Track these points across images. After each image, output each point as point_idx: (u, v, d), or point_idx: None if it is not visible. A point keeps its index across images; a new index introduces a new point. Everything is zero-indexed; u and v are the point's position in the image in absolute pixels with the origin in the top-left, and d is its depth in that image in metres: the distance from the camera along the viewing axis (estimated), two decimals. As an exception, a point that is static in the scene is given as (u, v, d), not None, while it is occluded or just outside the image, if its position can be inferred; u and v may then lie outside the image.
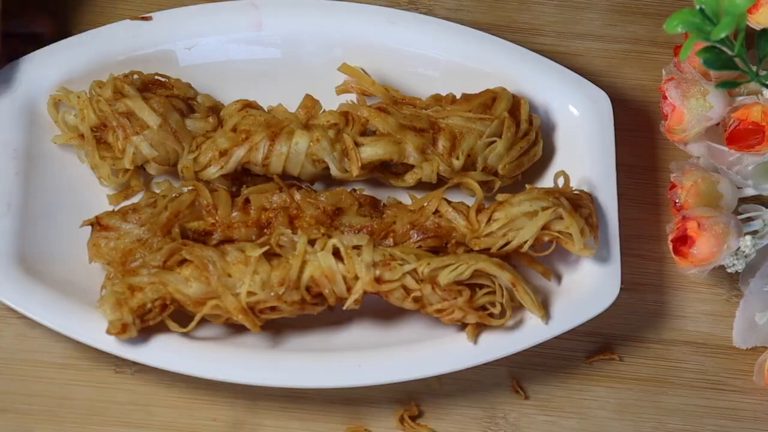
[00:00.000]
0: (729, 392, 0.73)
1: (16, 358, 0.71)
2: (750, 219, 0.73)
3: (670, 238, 0.71)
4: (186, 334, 0.67)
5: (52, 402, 0.70)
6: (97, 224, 0.68)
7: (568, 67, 0.75)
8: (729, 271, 0.73)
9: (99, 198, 0.73)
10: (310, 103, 0.72)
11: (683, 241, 0.70)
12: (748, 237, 0.71)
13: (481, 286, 0.67)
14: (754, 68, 0.62)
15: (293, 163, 0.70)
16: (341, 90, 0.73)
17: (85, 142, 0.70)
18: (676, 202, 0.74)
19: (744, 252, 0.71)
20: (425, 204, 0.70)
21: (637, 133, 0.79)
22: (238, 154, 0.69)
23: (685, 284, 0.76)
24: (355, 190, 0.72)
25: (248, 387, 0.68)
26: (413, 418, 0.71)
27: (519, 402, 0.72)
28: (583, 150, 0.73)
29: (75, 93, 0.71)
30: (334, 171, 0.70)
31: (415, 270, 0.66)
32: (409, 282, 0.66)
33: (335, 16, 0.76)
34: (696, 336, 0.75)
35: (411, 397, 0.71)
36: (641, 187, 0.78)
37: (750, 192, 0.74)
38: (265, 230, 0.69)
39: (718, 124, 0.73)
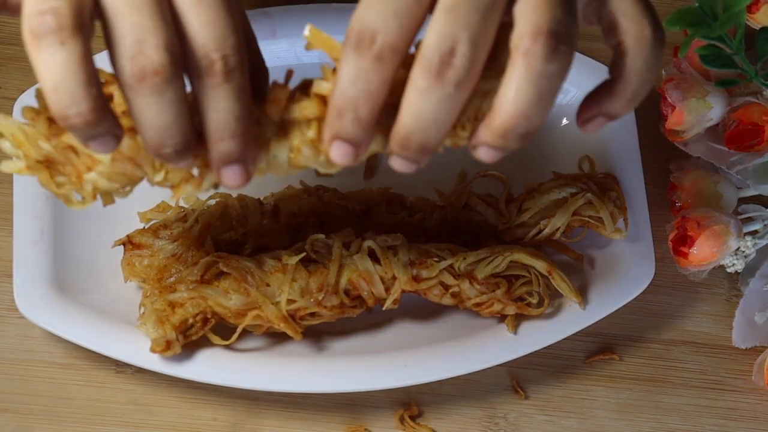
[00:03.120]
0: (728, 392, 0.73)
1: (16, 357, 0.71)
2: (750, 219, 0.73)
3: (669, 238, 0.71)
4: (228, 347, 0.68)
5: (52, 402, 0.70)
6: (129, 243, 0.68)
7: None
8: (729, 271, 0.73)
9: (130, 216, 0.72)
10: (281, 94, 0.52)
11: (683, 241, 0.70)
12: (747, 237, 0.71)
13: (518, 277, 0.68)
14: (754, 68, 0.62)
15: (276, 172, 0.54)
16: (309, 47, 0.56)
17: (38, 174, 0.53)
18: (675, 203, 0.74)
19: (744, 252, 0.71)
20: (453, 199, 0.70)
21: (637, 133, 0.79)
22: (210, 178, 0.54)
23: (685, 284, 0.76)
24: (381, 189, 0.72)
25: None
26: (413, 418, 0.71)
27: (519, 402, 0.72)
28: (605, 133, 0.74)
29: (9, 124, 0.51)
30: (323, 171, 0.55)
31: (451, 266, 0.67)
32: (447, 278, 0.66)
33: (347, 19, 0.76)
34: (696, 336, 0.75)
35: (411, 397, 0.71)
36: (641, 188, 0.78)
37: (750, 192, 0.74)
38: (297, 235, 0.70)
39: (717, 125, 0.73)
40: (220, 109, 0.47)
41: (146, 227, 0.69)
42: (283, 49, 0.75)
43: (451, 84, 0.46)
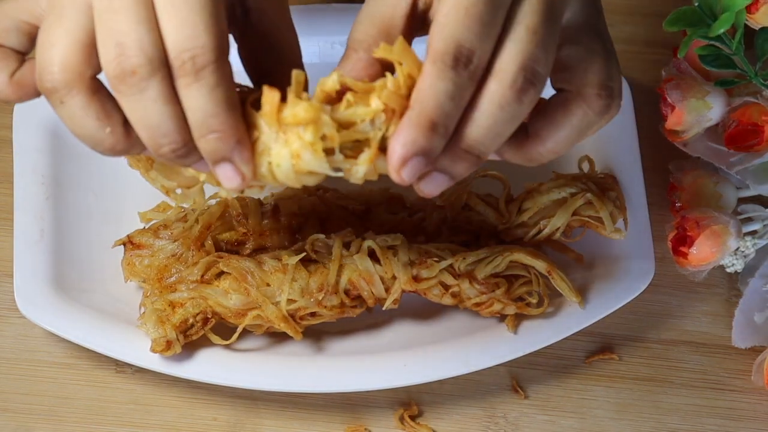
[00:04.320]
0: (728, 392, 0.73)
1: (16, 357, 0.71)
2: (749, 219, 0.73)
3: (669, 238, 0.71)
4: (228, 347, 0.68)
5: (52, 402, 0.70)
6: (130, 243, 0.68)
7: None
8: (728, 271, 0.73)
9: (130, 216, 0.72)
10: (269, 98, 0.49)
11: (682, 241, 0.70)
12: (747, 237, 0.71)
13: (518, 277, 0.68)
14: (753, 68, 0.62)
15: (288, 182, 0.51)
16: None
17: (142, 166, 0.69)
18: (675, 203, 0.74)
19: (743, 252, 0.72)
20: (453, 198, 0.70)
21: (637, 133, 0.79)
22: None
23: (685, 284, 0.76)
24: (381, 189, 0.72)
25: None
26: (413, 418, 0.71)
27: (519, 401, 0.72)
28: (605, 133, 0.74)
29: None
30: (354, 180, 0.51)
31: (451, 266, 0.67)
32: (447, 278, 0.66)
33: (347, 20, 0.76)
34: (695, 336, 0.75)
35: (411, 396, 0.72)
36: (641, 188, 0.78)
37: (749, 192, 0.74)
38: (297, 235, 0.69)
39: (717, 125, 0.73)
40: (194, 108, 0.47)
41: (146, 227, 0.70)
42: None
43: (529, 102, 0.46)
